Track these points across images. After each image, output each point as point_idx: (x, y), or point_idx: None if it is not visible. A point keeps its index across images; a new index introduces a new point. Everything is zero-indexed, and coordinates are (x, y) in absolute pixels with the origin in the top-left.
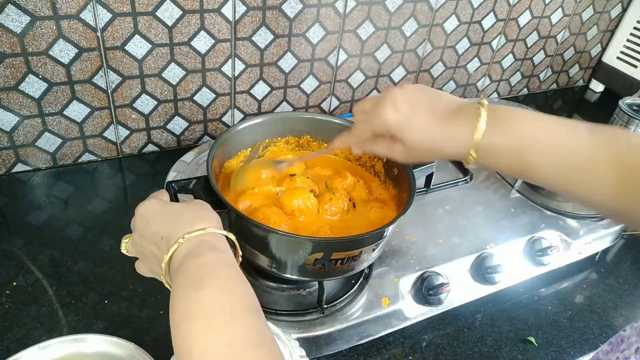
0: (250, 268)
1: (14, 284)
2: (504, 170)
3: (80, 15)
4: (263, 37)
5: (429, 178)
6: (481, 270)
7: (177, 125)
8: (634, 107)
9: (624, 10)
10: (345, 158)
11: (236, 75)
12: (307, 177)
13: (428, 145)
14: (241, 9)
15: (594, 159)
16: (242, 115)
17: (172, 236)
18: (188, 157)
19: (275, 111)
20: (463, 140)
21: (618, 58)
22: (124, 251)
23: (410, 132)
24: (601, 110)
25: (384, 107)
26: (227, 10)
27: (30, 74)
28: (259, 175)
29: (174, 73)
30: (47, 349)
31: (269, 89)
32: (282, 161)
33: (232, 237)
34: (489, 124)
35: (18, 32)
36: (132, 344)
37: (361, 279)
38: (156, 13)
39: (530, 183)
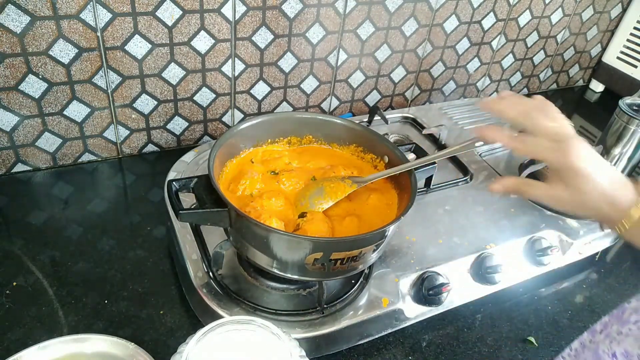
0: (250, 267)
1: (14, 284)
2: None
3: (80, 15)
4: (263, 37)
5: (429, 178)
6: (481, 270)
7: (177, 125)
8: (634, 107)
9: (624, 10)
10: (351, 153)
11: (236, 75)
12: (293, 170)
13: (594, 199)
14: (241, 9)
15: None
16: (242, 116)
17: None
18: (188, 157)
19: (275, 111)
20: (624, 210)
21: (618, 58)
22: None
23: (587, 181)
24: (601, 110)
25: (574, 151)
26: (227, 10)
27: (30, 74)
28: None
29: (174, 73)
30: (47, 349)
31: (269, 89)
32: (361, 178)
33: None
34: None
35: (18, 32)
36: (132, 344)
37: (361, 279)
38: (156, 13)
39: None
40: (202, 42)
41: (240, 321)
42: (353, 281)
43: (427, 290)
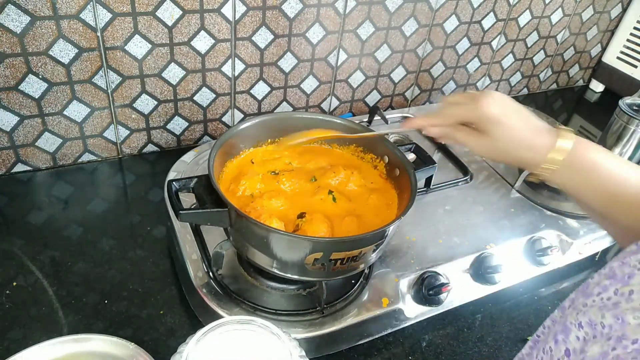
0: (250, 267)
1: (14, 284)
2: (565, 187)
3: (80, 15)
4: (263, 37)
5: (429, 178)
6: (481, 270)
7: (177, 125)
8: (634, 107)
9: (624, 10)
10: (351, 153)
11: (236, 75)
12: (293, 170)
13: (513, 145)
14: (241, 9)
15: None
16: (242, 116)
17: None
18: (188, 157)
19: (275, 111)
20: (542, 153)
21: (618, 58)
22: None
23: (503, 128)
24: (601, 110)
25: (486, 100)
26: (227, 10)
27: (30, 74)
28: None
29: (174, 73)
30: (47, 349)
31: (269, 89)
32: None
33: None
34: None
35: (18, 32)
36: (133, 344)
37: (361, 279)
38: (156, 13)
39: (531, 183)
40: (202, 42)
41: (240, 321)
42: (353, 281)
43: (427, 290)
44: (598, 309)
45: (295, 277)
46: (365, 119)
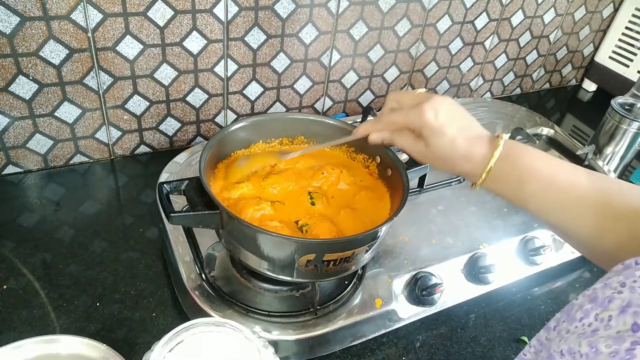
0: (243, 269)
1: (5, 287)
2: (505, 196)
3: (71, 16)
4: (256, 38)
5: (422, 178)
6: (474, 270)
7: (170, 126)
8: (626, 107)
9: (616, 10)
10: (342, 154)
11: (229, 75)
12: (283, 171)
13: (448, 155)
14: (233, 9)
15: (585, 197)
16: (235, 116)
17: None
18: (180, 158)
19: (268, 112)
20: (478, 163)
21: (610, 57)
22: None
23: (439, 138)
24: (594, 110)
25: (426, 109)
26: (219, 11)
27: (20, 75)
28: (264, 163)
29: (166, 74)
30: (19, 349)
31: (262, 89)
32: (288, 152)
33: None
34: (502, 153)
35: (7, 33)
36: (105, 345)
37: (354, 279)
38: (147, 13)
39: None
40: (194, 43)
41: (208, 323)
42: (346, 282)
43: (420, 290)
44: (577, 336)
45: (288, 278)
46: (359, 120)
